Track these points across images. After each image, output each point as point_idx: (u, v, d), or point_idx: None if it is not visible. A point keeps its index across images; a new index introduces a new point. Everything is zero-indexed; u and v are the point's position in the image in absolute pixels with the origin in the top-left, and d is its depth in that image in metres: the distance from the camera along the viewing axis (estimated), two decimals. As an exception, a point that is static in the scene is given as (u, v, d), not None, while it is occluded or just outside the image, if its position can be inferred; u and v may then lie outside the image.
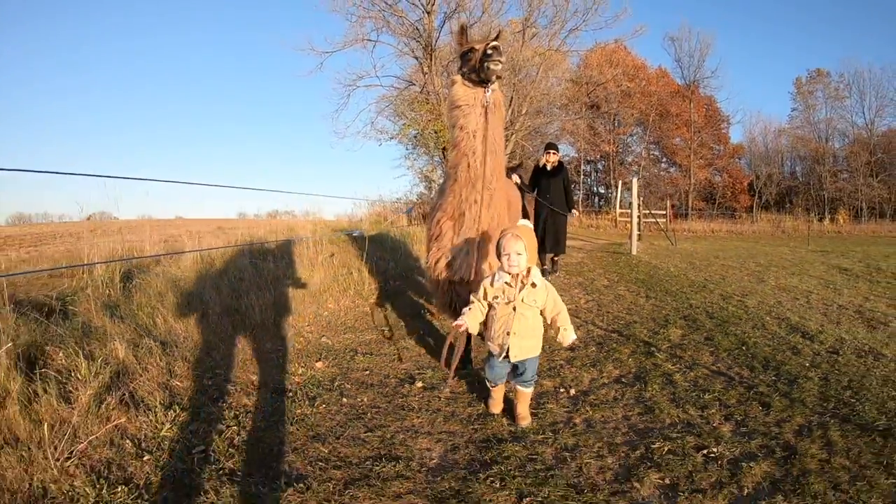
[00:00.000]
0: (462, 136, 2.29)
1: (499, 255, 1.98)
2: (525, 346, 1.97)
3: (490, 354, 2.06)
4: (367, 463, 1.60)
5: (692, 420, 2.01)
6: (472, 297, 2.06)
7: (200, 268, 3.36)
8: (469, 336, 2.33)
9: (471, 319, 2.01)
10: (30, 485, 1.52)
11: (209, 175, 44.15)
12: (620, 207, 20.19)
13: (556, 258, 6.25)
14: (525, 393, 2.05)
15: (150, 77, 45.73)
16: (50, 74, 41.98)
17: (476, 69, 2.23)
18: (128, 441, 1.66)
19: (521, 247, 1.91)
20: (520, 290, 1.94)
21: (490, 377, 2.07)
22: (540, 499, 1.46)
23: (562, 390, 2.34)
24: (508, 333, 1.94)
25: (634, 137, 30.16)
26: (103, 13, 43.24)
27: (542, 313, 2.02)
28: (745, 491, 1.56)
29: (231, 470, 1.53)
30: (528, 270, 1.96)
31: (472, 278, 2.32)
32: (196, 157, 46.19)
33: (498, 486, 1.54)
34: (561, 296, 2.02)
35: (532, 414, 2.04)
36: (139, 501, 1.43)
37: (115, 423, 1.71)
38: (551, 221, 5.81)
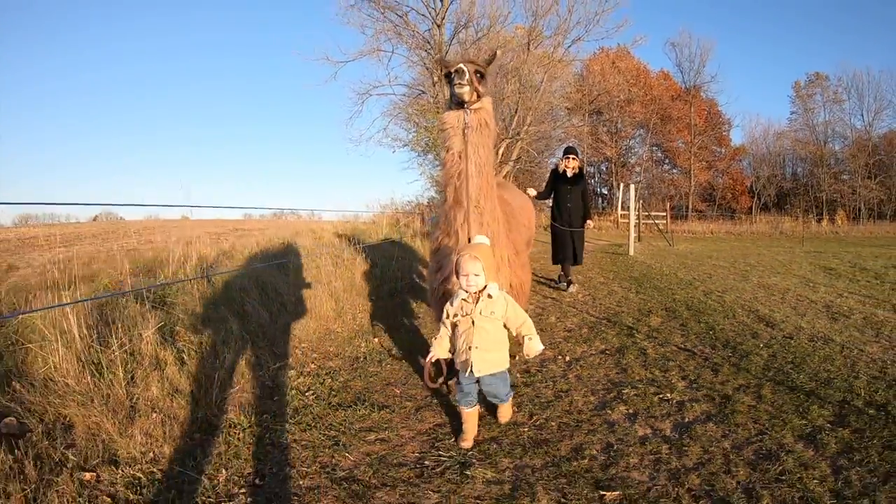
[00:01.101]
0: (447, 157, 2.37)
1: (457, 275, 2.01)
2: (488, 359, 1.99)
3: (459, 374, 2.07)
4: (428, 398, 2.37)
5: (655, 378, 2.73)
6: (440, 325, 2.12)
7: (263, 268, 4.11)
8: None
9: (439, 349, 2.07)
10: (196, 417, 2.25)
11: (213, 173, 45.31)
12: (622, 209, 20.83)
13: (569, 276, 5.70)
14: (504, 405, 2.15)
15: (151, 77, 46.87)
16: (62, 73, 43.23)
17: (450, 93, 2.32)
18: (258, 389, 2.40)
19: (479, 268, 1.95)
20: (476, 303, 1.99)
21: (459, 399, 2.08)
22: (544, 417, 2.21)
23: (559, 357, 3.09)
24: (470, 347, 1.97)
25: (637, 140, 30.80)
26: (131, 13, 44.54)
27: (506, 326, 2.05)
28: (686, 419, 2.27)
29: (337, 403, 2.29)
30: (485, 286, 2.00)
31: None
32: (201, 155, 47.41)
33: (516, 410, 2.30)
34: (560, 290, 2.72)
35: (537, 371, 2.76)
36: (279, 423, 2.16)
37: (247, 377, 2.45)
38: (569, 233, 5.50)
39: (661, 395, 2.49)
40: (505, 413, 2.18)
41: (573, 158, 5.52)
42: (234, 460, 1.85)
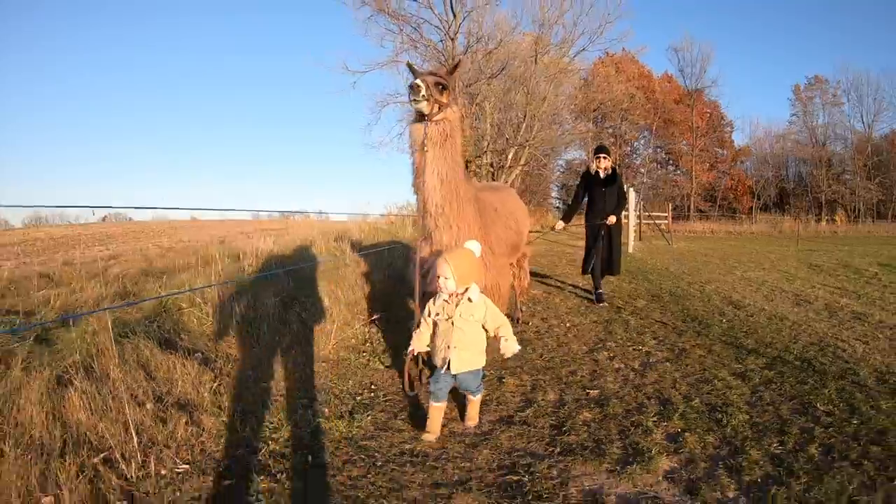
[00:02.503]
0: (413, 169, 2.47)
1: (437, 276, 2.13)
2: (465, 358, 2.12)
3: (436, 368, 2.21)
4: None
5: (632, 338, 3.72)
6: (421, 319, 2.26)
7: (328, 261, 5.14)
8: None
9: (418, 342, 2.23)
10: (320, 355, 3.21)
11: (222, 172, 46.69)
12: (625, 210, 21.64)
13: (600, 289, 5.13)
14: (474, 400, 2.26)
15: (152, 80, 48.54)
16: (67, 75, 44.90)
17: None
18: (353, 339, 3.43)
19: (447, 271, 2.06)
20: (456, 306, 2.10)
21: (433, 389, 2.18)
22: (550, 355, 3.24)
23: (562, 324, 4.11)
24: (448, 347, 2.10)
25: (641, 142, 31.65)
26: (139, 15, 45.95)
27: (484, 328, 2.17)
28: (650, 360, 3.23)
29: (408, 347, 3.31)
30: (466, 289, 2.13)
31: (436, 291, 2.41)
32: (204, 155, 49.00)
33: (531, 351, 3.33)
34: (565, 282, 3.68)
35: (546, 331, 3.76)
36: (375, 357, 3.17)
37: (345, 332, 3.48)
38: (603, 238, 5.04)
39: (634, 347, 3.48)
40: (473, 412, 2.27)
41: (605, 158, 5.05)
42: (354, 376, 2.87)
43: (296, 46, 48.87)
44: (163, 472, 1.87)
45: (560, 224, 5.38)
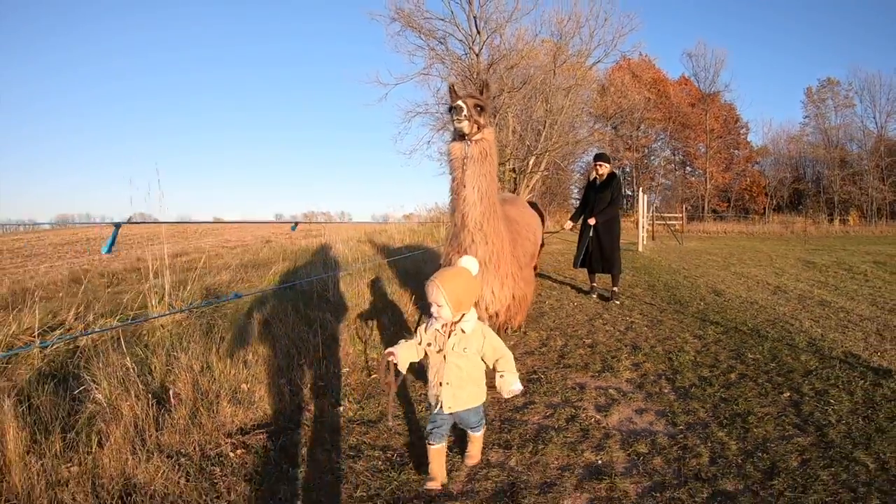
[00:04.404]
0: (453, 186, 2.58)
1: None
2: (461, 396, 1.91)
3: (430, 404, 2.03)
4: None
5: (623, 313, 5.03)
6: (414, 337, 2.07)
7: (383, 258, 6.58)
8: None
9: (403, 352, 1.95)
10: (402, 319, 4.66)
11: (244, 172, 48.61)
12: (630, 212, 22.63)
13: (615, 287, 5.70)
14: (475, 437, 2.08)
15: (170, 86, 51.68)
16: (91, 82, 48.02)
17: (453, 126, 2.45)
18: (424, 308, 4.84)
19: (441, 298, 1.84)
20: (448, 337, 1.88)
21: (430, 430, 1.96)
22: (560, 322, 4.60)
23: (570, 303, 5.45)
24: (441, 384, 1.89)
25: (659, 143, 32.35)
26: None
27: (483, 360, 1.96)
28: (633, 326, 4.51)
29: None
30: (462, 316, 1.90)
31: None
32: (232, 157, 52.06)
33: (545, 320, 4.68)
34: (577, 274, 4.96)
35: (560, 307, 5.12)
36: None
37: (408, 307, 4.90)
38: (595, 239, 5.48)
39: (623, 318, 4.81)
40: (475, 451, 2.12)
41: (602, 165, 5.37)
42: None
43: (335, 55, 50.75)
44: (334, 370, 3.30)
45: (569, 223, 6.11)
